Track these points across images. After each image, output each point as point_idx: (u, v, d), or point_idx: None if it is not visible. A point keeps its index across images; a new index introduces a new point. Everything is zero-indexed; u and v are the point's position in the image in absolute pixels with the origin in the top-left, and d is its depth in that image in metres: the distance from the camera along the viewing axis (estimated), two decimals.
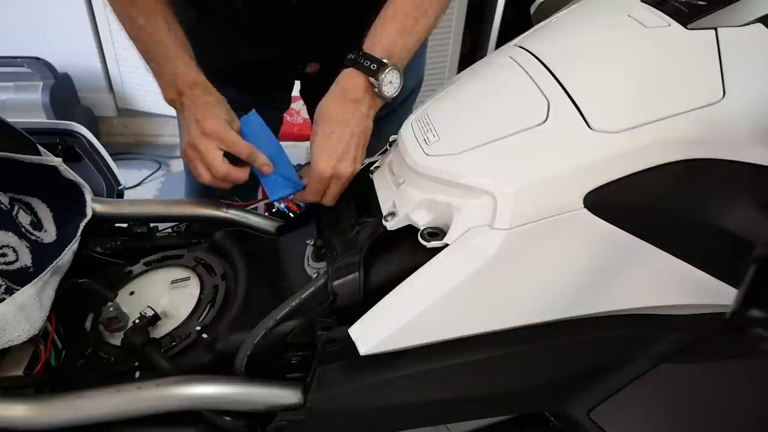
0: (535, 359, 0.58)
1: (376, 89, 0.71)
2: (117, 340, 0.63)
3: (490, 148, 0.53)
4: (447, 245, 0.52)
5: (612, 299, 0.55)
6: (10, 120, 0.72)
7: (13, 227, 0.66)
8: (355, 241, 0.62)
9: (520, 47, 0.63)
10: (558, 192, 0.49)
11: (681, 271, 0.51)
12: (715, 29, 0.52)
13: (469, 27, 2.22)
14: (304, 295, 0.58)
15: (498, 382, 0.59)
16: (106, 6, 0.77)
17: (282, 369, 0.61)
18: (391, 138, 0.71)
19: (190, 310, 0.66)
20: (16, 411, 0.53)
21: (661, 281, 0.53)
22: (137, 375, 0.60)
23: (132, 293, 0.70)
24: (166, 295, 0.69)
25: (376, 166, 0.70)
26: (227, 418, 0.57)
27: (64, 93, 2.17)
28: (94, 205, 0.75)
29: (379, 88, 0.70)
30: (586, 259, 0.52)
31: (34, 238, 0.68)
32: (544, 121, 0.52)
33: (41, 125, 0.88)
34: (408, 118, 0.65)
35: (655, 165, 0.49)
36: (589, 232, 0.50)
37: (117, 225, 0.81)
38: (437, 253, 0.53)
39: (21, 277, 0.62)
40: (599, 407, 0.61)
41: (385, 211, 0.60)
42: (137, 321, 0.62)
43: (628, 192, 0.49)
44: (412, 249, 0.56)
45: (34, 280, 0.60)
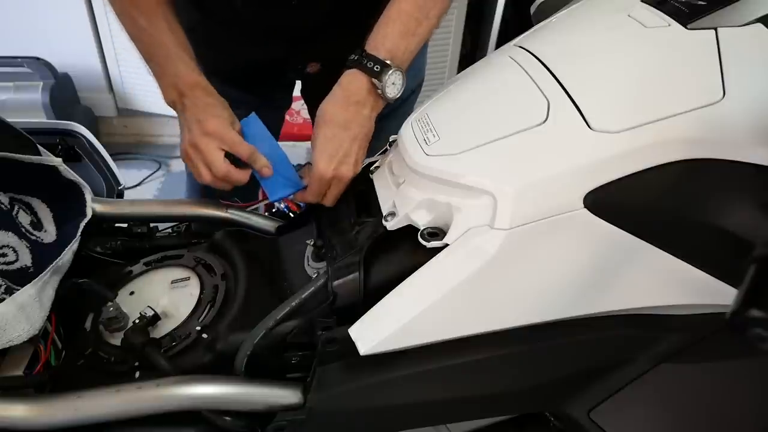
0: (535, 359, 0.58)
1: (379, 90, 0.70)
2: (117, 340, 0.63)
3: (490, 148, 0.53)
4: (447, 245, 0.52)
5: (612, 299, 0.55)
6: (10, 120, 0.72)
7: (13, 227, 0.66)
8: (355, 241, 0.62)
9: (520, 47, 0.63)
10: (558, 192, 0.49)
11: (681, 271, 0.52)
12: (715, 29, 0.52)
13: (469, 27, 2.21)
14: (304, 295, 0.58)
15: (498, 382, 0.59)
16: (106, 6, 0.77)
17: (282, 369, 0.61)
18: (391, 138, 0.71)
19: (190, 310, 0.66)
20: (16, 411, 0.53)
21: (661, 281, 0.53)
22: (137, 375, 0.60)
23: (132, 293, 0.70)
24: (166, 295, 0.69)
25: (376, 166, 0.70)
26: (227, 418, 0.57)
27: (64, 93, 2.17)
28: (94, 205, 0.75)
29: (382, 89, 0.70)
30: (586, 259, 0.52)
31: (34, 238, 0.68)
32: (544, 121, 0.52)
33: (41, 125, 0.88)
34: (408, 118, 0.65)
35: (655, 165, 0.49)
36: (589, 232, 0.50)
37: (117, 225, 0.81)
38: (437, 253, 0.53)
39: (21, 277, 0.62)
40: (599, 407, 0.61)
41: (385, 211, 0.60)
42: (137, 321, 0.62)
43: (628, 192, 0.49)
44: (412, 249, 0.56)
45: (34, 280, 0.60)
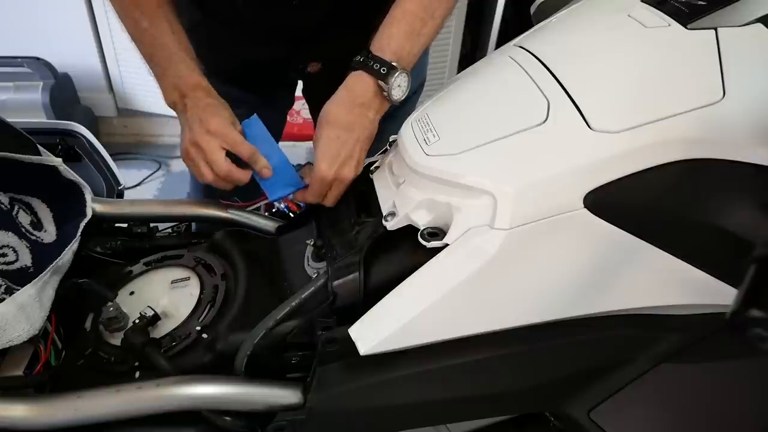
0: (535, 359, 0.58)
1: (385, 93, 0.70)
2: (117, 340, 0.63)
3: (490, 148, 0.53)
4: (447, 245, 0.52)
5: (612, 299, 0.55)
6: (10, 120, 0.72)
7: (13, 227, 0.66)
8: (355, 241, 0.62)
9: (520, 47, 0.63)
10: (558, 192, 0.49)
11: (681, 271, 0.51)
12: (715, 29, 0.52)
13: (469, 27, 2.21)
14: (304, 295, 0.58)
15: (498, 382, 0.59)
16: (106, 6, 0.77)
17: (282, 369, 0.61)
18: (391, 138, 0.71)
19: (190, 310, 0.66)
20: (16, 411, 0.53)
21: (661, 281, 0.53)
22: (137, 375, 0.60)
23: (132, 293, 0.70)
24: (166, 295, 0.69)
25: (376, 166, 0.70)
26: (227, 418, 0.57)
27: (64, 93, 2.17)
28: (94, 205, 0.75)
29: (388, 92, 0.69)
30: (586, 259, 0.52)
31: (34, 238, 0.68)
32: (544, 121, 0.52)
33: (41, 125, 0.88)
34: (408, 118, 0.65)
35: (655, 165, 0.49)
36: (589, 232, 0.50)
37: (117, 225, 0.81)
38: (437, 253, 0.53)
39: (21, 277, 0.62)
40: (599, 407, 0.61)
41: (385, 211, 0.60)
42: (137, 321, 0.62)
43: (628, 192, 0.49)
44: (412, 249, 0.56)
45: (34, 280, 0.60)
